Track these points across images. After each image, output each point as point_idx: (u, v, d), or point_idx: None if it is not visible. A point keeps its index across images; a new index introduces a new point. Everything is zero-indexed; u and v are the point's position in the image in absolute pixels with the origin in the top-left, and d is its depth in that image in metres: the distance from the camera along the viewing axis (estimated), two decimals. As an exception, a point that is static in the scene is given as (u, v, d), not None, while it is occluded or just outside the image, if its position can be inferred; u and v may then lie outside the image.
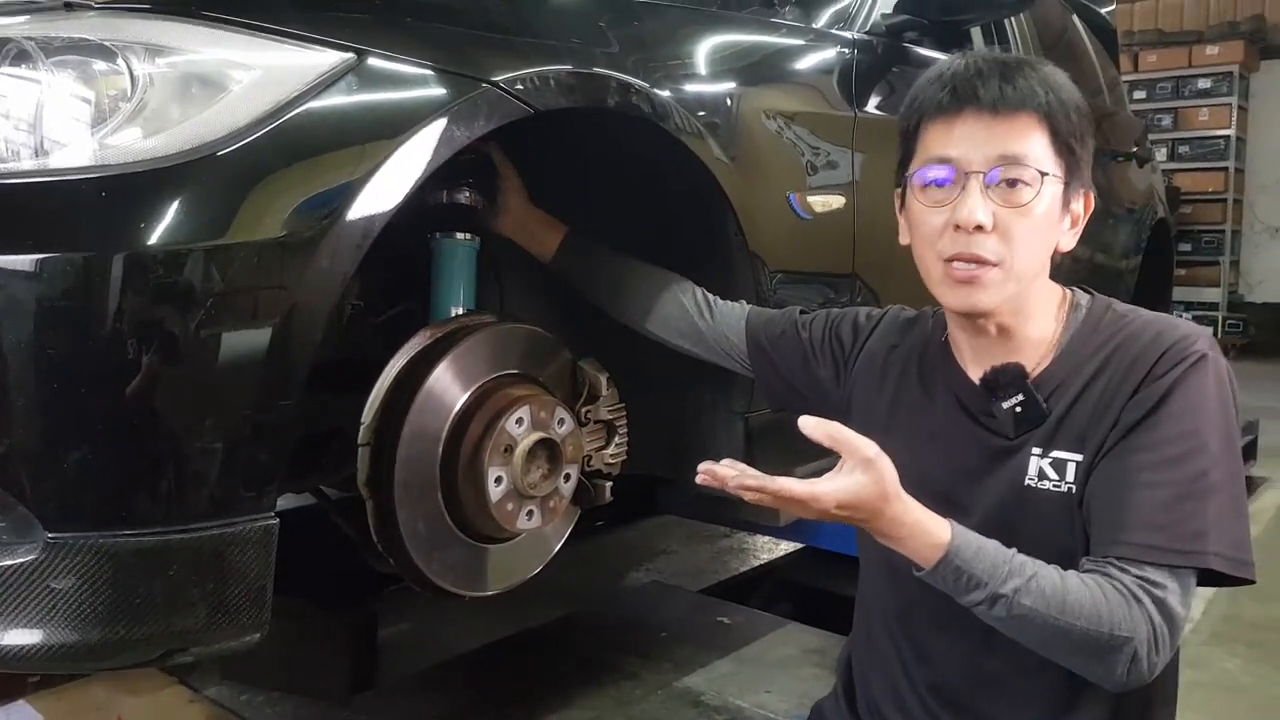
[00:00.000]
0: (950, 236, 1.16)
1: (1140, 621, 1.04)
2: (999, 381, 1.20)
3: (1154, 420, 1.10)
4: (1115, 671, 1.05)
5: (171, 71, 1.12)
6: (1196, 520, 1.07)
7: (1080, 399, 1.16)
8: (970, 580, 1.07)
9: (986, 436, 1.22)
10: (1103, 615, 1.04)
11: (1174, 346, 1.13)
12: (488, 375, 1.51)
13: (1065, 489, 1.15)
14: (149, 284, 1.05)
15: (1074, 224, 1.22)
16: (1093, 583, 1.06)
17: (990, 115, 1.14)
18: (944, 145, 1.17)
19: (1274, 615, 3.15)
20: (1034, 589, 1.05)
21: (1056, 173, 1.15)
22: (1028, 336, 1.21)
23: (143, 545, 1.06)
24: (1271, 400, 7.02)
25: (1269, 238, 11.13)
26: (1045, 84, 1.15)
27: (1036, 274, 1.19)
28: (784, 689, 1.91)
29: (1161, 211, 4.39)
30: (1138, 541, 1.07)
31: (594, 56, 1.51)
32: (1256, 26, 10.86)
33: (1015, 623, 1.06)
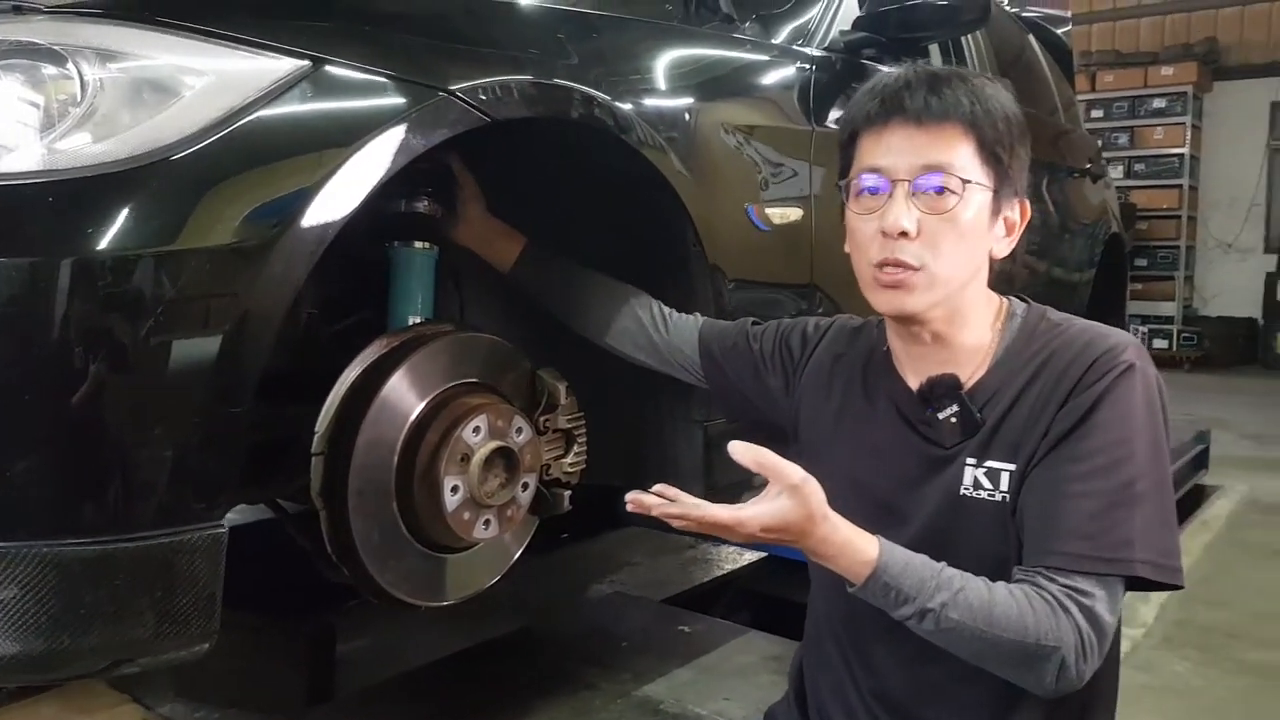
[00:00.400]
0: (879, 243, 1.19)
1: (1067, 631, 1.06)
2: (934, 392, 1.23)
3: (1082, 430, 1.12)
4: (1045, 680, 1.07)
5: (122, 76, 1.11)
6: (1124, 529, 1.09)
7: (1013, 409, 1.18)
8: (899, 595, 1.09)
9: (924, 446, 1.24)
10: (1029, 626, 1.06)
11: (1102, 356, 1.15)
12: (445, 384, 1.50)
13: (999, 498, 1.17)
14: (97, 290, 1.04)
15: (1009, 231, 1.25)
16: (1020, 594, 1.08)
17: (915, 125, 1.18)
18: (874, 155, 1.20)
19: (1224, 620, 3.21)
20: (961, 602, 1.07)
21: (983, 181, 1.18)
22: (963, 345, 1.24)
23: (88, 554, 1.05)
24: (1223, 412, 7.16)
25: (1222, 253, 11.37)
26: (972, 95, 1.18)
27: (965, 280, 1.21)
28: (742, 696, 1.92)
29: (1115, 226, 4.47)
30: (1067, 551, 1.09)
31: (554, 68, 1.52)
32: (1210, 48, 11.12)
33: (944, 635, 1.08)
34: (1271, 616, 3.26)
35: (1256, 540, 4.16)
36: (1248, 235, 11.28)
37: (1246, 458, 5.76)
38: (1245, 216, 11.24)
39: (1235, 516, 4.50)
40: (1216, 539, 4.15)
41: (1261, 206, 11.22)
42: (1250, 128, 11.10)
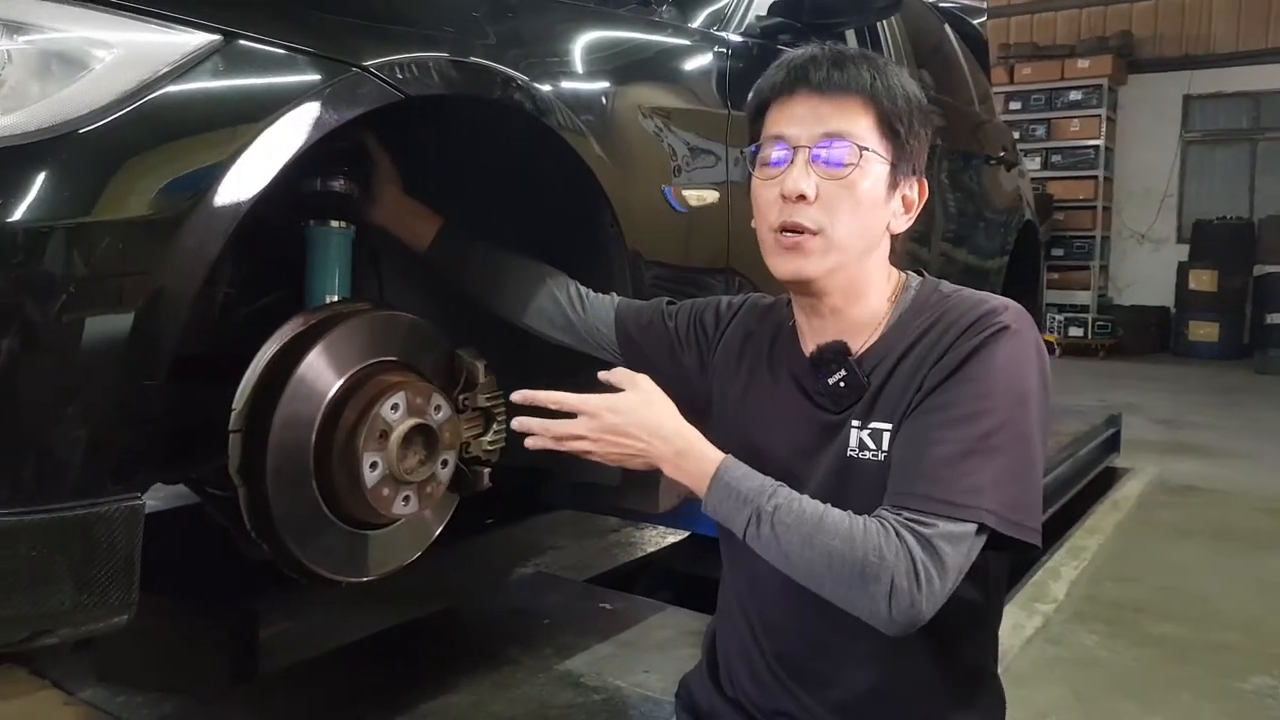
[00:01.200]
0: (779, 206, 1.24)
1: (898, 552, 1.08)
2: (823, 358, 1.28)
3: (948, 384, 1.16)
4: (879, 604, 1.08)
5: (30, 48, 1.10)
6: (974, 478, 1.12)
7: (895, 371, 1.23)
8: (739, 497, 1.15)
9: (818, 413, 1.29)
10: (857, 538, 1.10)
11: (980, 319, 1.19)
12: (362, 362, 1.51)
13: (881, 458, 1.21)
14: (7, 260, 1.04)
15: (907, 209, 1.29)
16: (857, 517, 1.12)
17: (818, 96, 1.23)
18: (779, 124, 1.25)
19: (1131, 595, 3.32)
20: (795, 509, 1.13)
21: (880, 152, 1.23)
22: (858, 317, 1.28)
23: (5, 525, 1.05)
24: (1135, 398, 7.38)
25: (1135, 244, 11.68)
26: (874, 71, 1.23)
27: (861, 250, 1.25)
28: (662, 669, 1.96)
29: (1029, 214, 4.57)
30: (916, 492, 1.12)
31: (471, 47, 1.53)
32: (1124, 41, 11.40)
33: (777, 543, 1.13)
34: (1177, 591, 3.38)
35: (1165, 520, 4.30)
36: (1161, 226, 11.60)
37: (1157, 441, 5.95)
38: (1159, 207, 11.56)
39: (1145, 497, 4.65)
40: (1127, 518, 4.29)
41: (1174, 197, 11.55)
42: (1164, 120, 11.43)
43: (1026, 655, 2.76)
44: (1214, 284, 10.57)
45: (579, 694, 1.86)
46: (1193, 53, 11.31)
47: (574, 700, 1.83)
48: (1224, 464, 5.42)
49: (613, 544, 3.44)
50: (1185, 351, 10.69)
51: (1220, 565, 3.70)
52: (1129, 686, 2.65)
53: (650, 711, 1.79)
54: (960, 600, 1.23)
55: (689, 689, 1.46)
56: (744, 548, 1.24)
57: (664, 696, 1.82)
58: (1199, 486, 4.90)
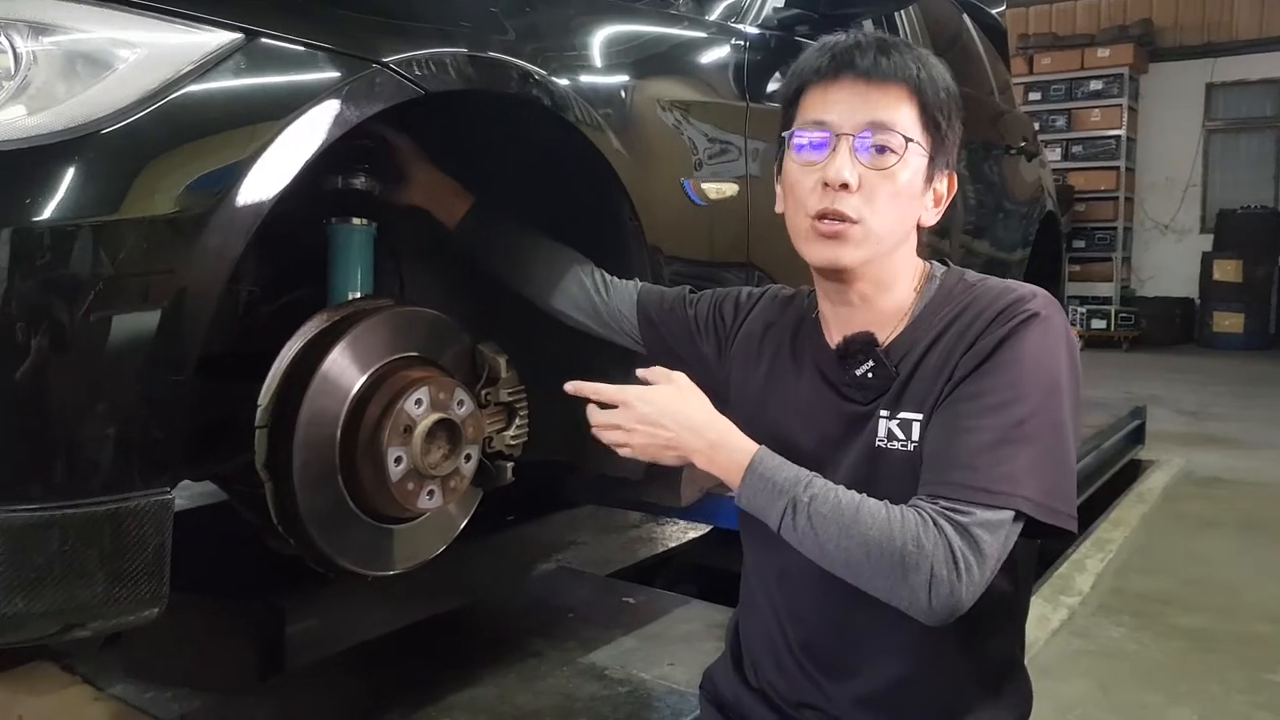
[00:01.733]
0: (819, 194, 1.22)
1: (936, 541, 1.08)
2: (850, 349, 1.27)
3: (980, 372, 1.16)
4: (919, 594, 1.08)
5: (56, 49, 1.11)
6: (1009, 465, 1.11)
7: (923, 361, 1.22)
8: (773, 488, 1.15)
9: (844, 404, 1.28)
10: (895, 528, 1.09)
11: (1009, 307, 1.19)
12: (386, 357, 1.52)
13: (911, 448, 1.21)
14: (35, 260, 1.05)
15: (937, 202, 1.28)
16: (892, 506, 1.12)
17: (864, 83, 1.21)
18: (820, 109, 1.23)
19: (1158, 587, 3.30)
20: (831, 499, 1.13)
21: (922, 144, 1.22)
22: (885, 307, 1.28)
23: (36, 519, 1.06)
24: (1160, 389, 7.33)
25: (1158, 234, 11.59)
26: (918, 61, 1.22)
27: (896, 241, 1.25)
28: (686, 661, 1.96)
29: (1050, 205, 4.55)
30: (952, 480, 1.12)
31: (488, 41, 1.54)
32: (1145, 30, 11.31)
33: (814, 534, 1.13)
34: (1203, 583, 3.36)
35: (1190, 511, 4.28)
36: (1184, 216, 11.51)
37: (1182, 433, 5.91)
38: (1181, 197, 11.47)
39: (1170, 489, 4.63)
40: (1152, 510, 4.26)
41: (1198, 187, 11.45)
42: (1186, 109, 11.33)
43: (1052, 648, 2.75)
44: (1239, 274, 10.48)
45: (604, 686, 1.86)
46: (1215, 40, 11.21)
47: (599, 693, 1.84)
48: (1250, 455, 5.38)
49: (633, 539, 3.44)
50: (1210, 343, 10.61)
51: (1247, 556, 3.68)
52: (1156, 678, 2.63)
53: (675, 704, 1.79)
54: (989, 591, 1.23)
55: (713, 680, 1.47)
56: (771, 539, 1.25)
57: (688, 689, 1.82)
58: (1224, 478, 4.87)
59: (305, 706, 1.83)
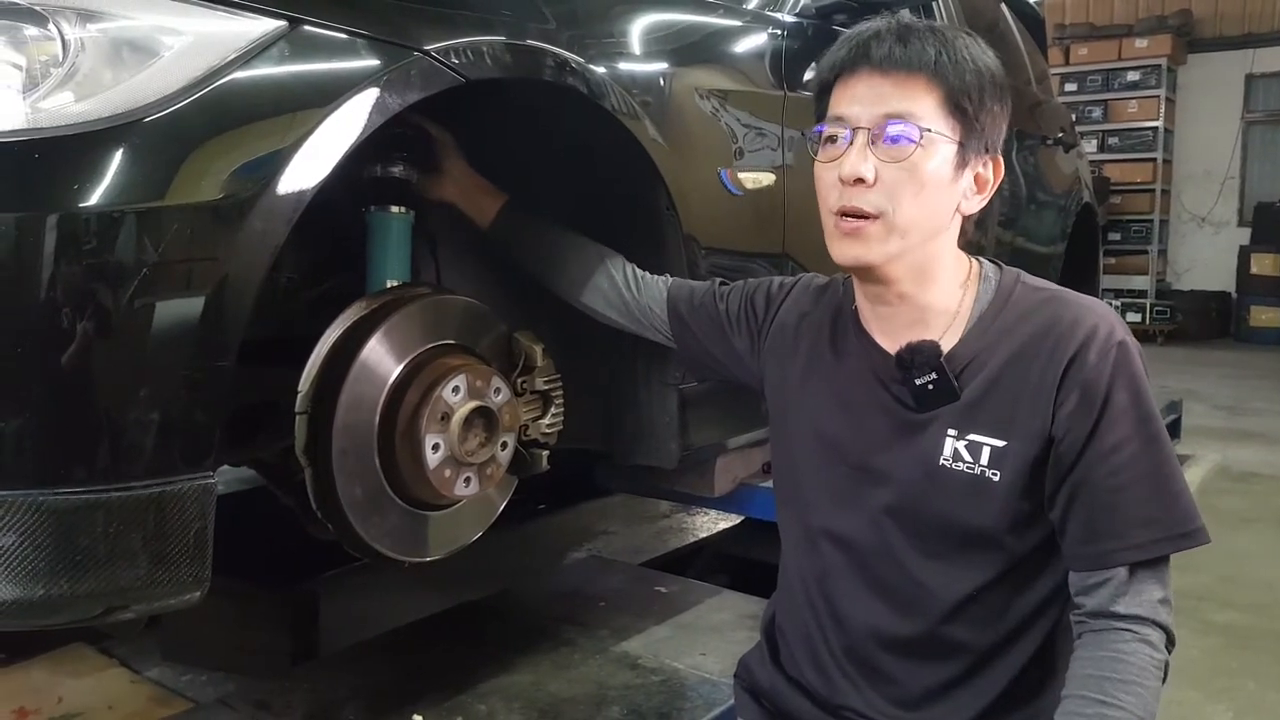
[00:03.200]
0: (838, 190, 1.20)
1: (1162, 653, 1.12)
2: (914, 360, 1.22)
3: (1107, 420, 1.13)
4: None
5: (103, 36, 1.12)
6: (1183, 499, 1.12)
7: (999, 382, 1.19)
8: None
9: (896, 407, 1.25)
10: (1150, 687, 1.11)
11: (1095, 336, 1.16)
12: (424, 345, 1.53)
13: (978, 471, 1.18)
14: (81, 246, 1.06)
15: (980, 188, 1.24)
16: (1134, 685, 1.10)
17: (880, 74, 1.18)
18: (841, 104, 1.22)
19: (1193, 583, 3.28)
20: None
21: (945, 132, 1.18)
22: (930, 305, 1.24)
23: (82, 502, 1.07)
24: (1196, 384, 7.26)
25: (1195, 227, 11.46)
26: (941, 45, 1.18)
27: (927, 234, 1.20)
28: (719, 651, 1.96)
29: (1087, 197, 4.50)
30: (1137, 543, 1.11)
31: (527, 29, 1.54)
32: (1184, 20, 11.16)
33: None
34: (1239, 580, 3.33)
35: (1227, 507, 4.24)
36: (1221, 209, 11.37)
37: (1218, 428, 5.87)
38: (1219, 190, 11.33)
39: (1207, 484, 4.59)
40: (1186, 505, 4.21)
41: (1235, 180, 11.31)
42: (1224, 100, 11.18)
43: (1086, 642, 2.73)
44: (1276, 268, 10.36)
45: (637, 675, 1.87)
46: (1255, 31, 11.04)
47: (632, 681, 1.84)
48: (1288, 451, 5.33)
49: (664, 528, 3.44)
50: (1247, 337, 10.49)
51: (1284, 553, 3.65)
52: (1192, 675, 2.61)
53: (708, 693, 1.79)
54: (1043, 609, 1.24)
55: (749, 669, 1.46)
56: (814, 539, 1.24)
57: (721, 678, 1.82)
58: (1261, 473, 4.83)
59: (340, 691, 1.84)
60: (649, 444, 1.93)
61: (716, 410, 1.95)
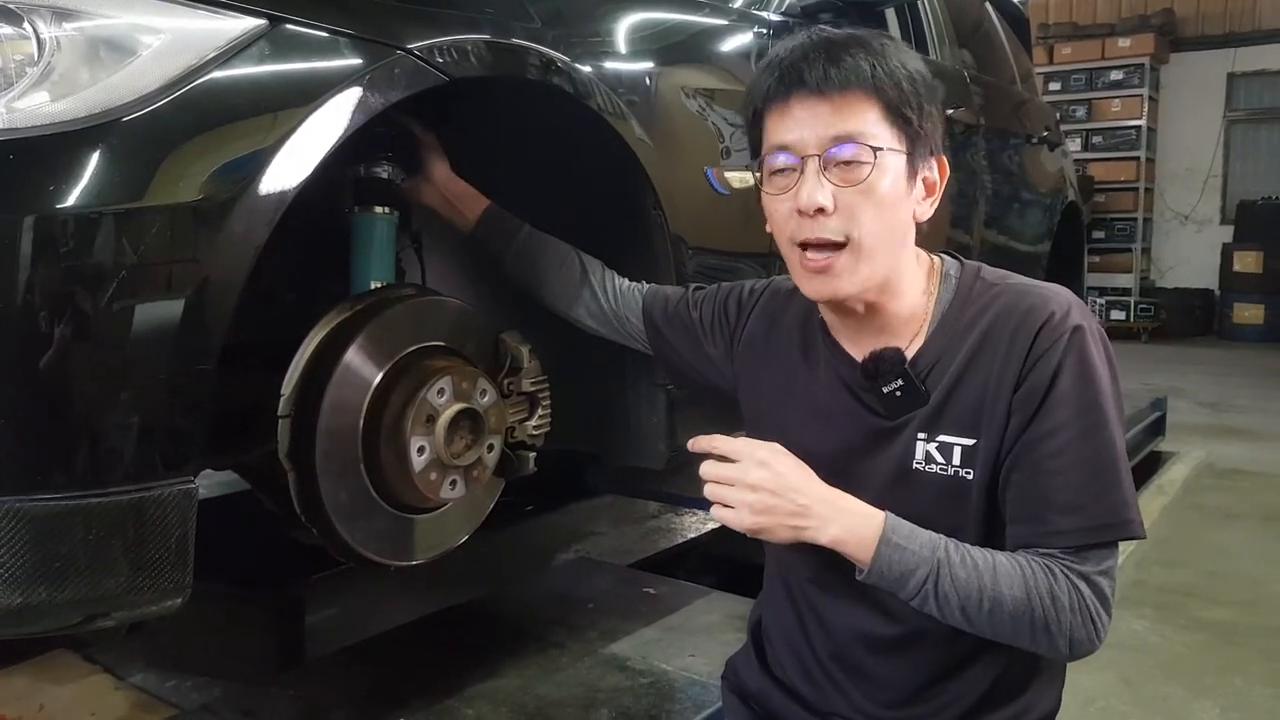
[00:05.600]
0: (796, 221, 1.17)
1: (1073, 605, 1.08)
2: (879, 368, 1.21)
3: (1046, 407, 1.12)
4: (1058, 649, 1.11)
5: (79, 35, 1.11)
6: (1112, 493, 1.10)
7: (962, 381, 1.18)
8: (912, 557, 1.11)
9: (868, 416, 1.24)
10: (1031, 589, 1.09)
11: (1048, 323, 1.14)
12: (408, 347, 1.51)
13: (951, 472, 1.18)
14: (58, 248, 1.05)
15: (929, 192, 1.22)
16: (1022, 562, 1.11)
17: (818, 98, 1.14)
18: (781, 132, 1.18)
19: (1179, 580, 3.29)
20: (966, 562, 1.11)
21: (894, 145, 1.15)
22: (897, 313, 1.22)
23: (61, 508, 1.06)
24: (1180, 381, 7.29)
25: (1178, 225, 11.52)
26: (873, 58, 1.15)
27: (893, 249, 1.19)
28: (708, 652, 1.96)
29: (1072, 195, 4.51)
30: (1063, 529, 1.10)
31: (511, 28, 1.53)
32: (1166, 20, 11.22)
33: (957, 598, 1.10)
34: (1225, 575, 3.35)
35: (1211, 503, 4.26)
36: (1204, 207, 11.43)
37: (1202, 425, 5.89)
38: (1202, 188, 11.39)
39: (1191, 481, 4.61)
40: (1173, 503, 4.24)
41: (1218, 178, 11.37)
42: (1207, 99, 11.23)
43: (1074, 640, 2.74)
44: (1259, 265, 10.41)
45: (626, 677, 1.86)
46: (1237, 30, 11.10)
47: (621, 683, 1.83)
48: (1271, 447, 5.35)
49: (652, 530, 3.43)
50: (1230, 334, 10.55)
51: (1269, 549, 3.66)
52: (1178, 671, 2.62)
53: (697, 695, 1.79)
54: None
55: (736, 671, 1.46)
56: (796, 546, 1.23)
57: (710, 680, 1.81)
58: (1246, 470, 4.85)
59: (326, 696, 1.82)
60: (637, 445, 1.93)
61: (704, 411, 1.94)
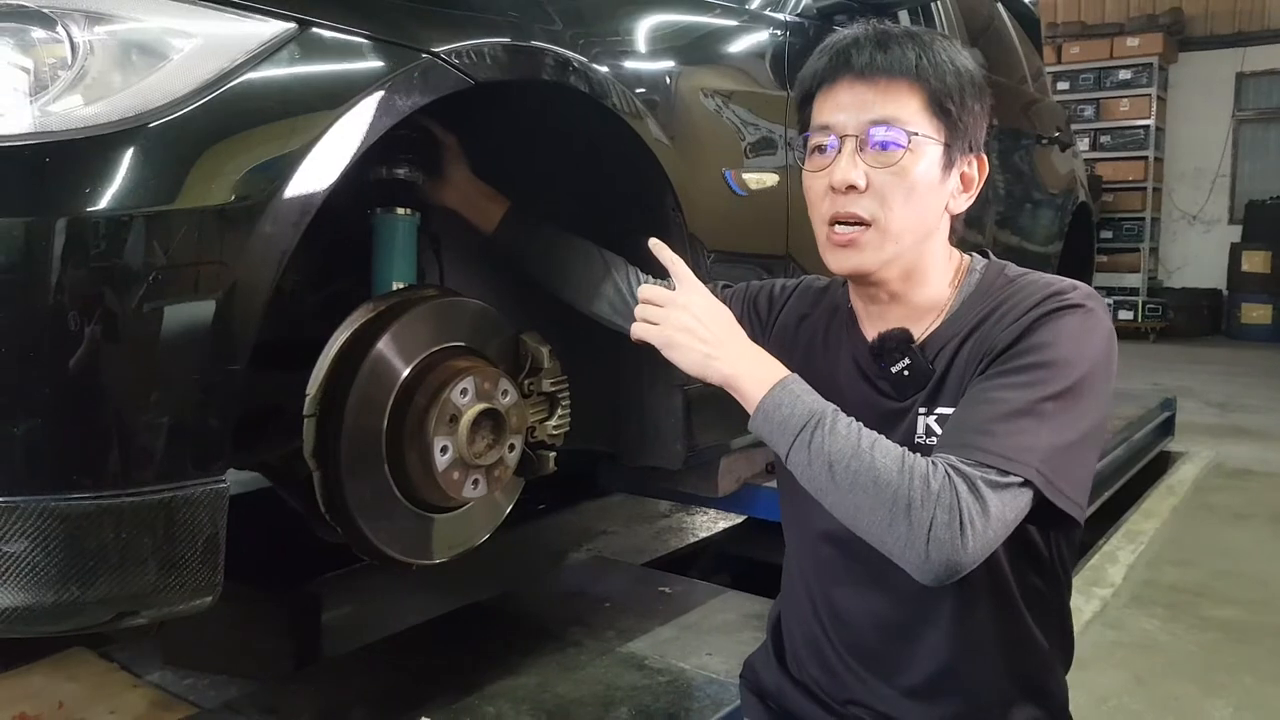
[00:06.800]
0: (830, 199, 1.20)
1: (944, 486, 1.04)
2: (885, 347, 1.24)
3: (1012, 351, 1.13)
4: (917, 536, 1.04)
5: (111, 39, 1.12)
6: (1027, 436, 1.08)
7: (960, 353, 1.20)
8: (802, 405, 1.12)
9: (881, 400, 1.26)
10: (906, 464, 1.06)
11: (1050, 297, 1.16)
12: (431, 347, 1.53)
13: None
14: (90, 250, 1.06)
15: (965, 187, 1.25)
16: (909, 451, 1.09)
17: (863, 82, 1.18)
18: (824, 113, 1.22)
19: (1190, 579, 3.30)
20: (851, 425, 1.11)
21: (932, 134, 1.19)
22: (920, 302, 1.25)
23: (92, 508, 1.07)
24: (1188, 381, 7.28)
25: (1186, 225, 11.50)
26: (920, 49, 1.18)
27: (920, 235, 1.21)
28: (724, 651, 1.97)
29: (1083, 196, 4.51)
30: (967, 443, 1.09)
31: (531, 30, 1.53)
32: (1175, 19, 11.20)
33: (826, 454, 1.09)
34: (1235, 575, 3.35)
35: (1221, 503, 4.26)
36: (1213, 206, 11.41)
37: (1211, 425, 5.89)
38: (1210, 188, 11.37)
39: (1201, 481, 4.61)
40: (1183, 502, 4.25)
41: (1227, 177, 11.35)
42: (1215, 98, 11.22)
43: (1086, 639, 2.74)
44: (1267, 265, 10.40)
45: (643, 676, 1.86)
46: (1245, 29, 11.08)
47: (639, 682, 1.84)
48: (1281, 447, 5.35)
49: (664, 529, 3.45)
50: (1238, 334, 10.53)
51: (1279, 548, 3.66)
52: (1190, 670, 2.63)
53: (715, 693, 1.79)
54: (1027, 585, 1.24)
55: (755, 670, 1.47)
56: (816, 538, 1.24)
57: (728, 678, 1.82)
58: (1255, 470, 4.84)
59: (346, 694, 1.83)
60: (654, 445, 1.93)
61: (720, 411, 1.94)
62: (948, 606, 1.21)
